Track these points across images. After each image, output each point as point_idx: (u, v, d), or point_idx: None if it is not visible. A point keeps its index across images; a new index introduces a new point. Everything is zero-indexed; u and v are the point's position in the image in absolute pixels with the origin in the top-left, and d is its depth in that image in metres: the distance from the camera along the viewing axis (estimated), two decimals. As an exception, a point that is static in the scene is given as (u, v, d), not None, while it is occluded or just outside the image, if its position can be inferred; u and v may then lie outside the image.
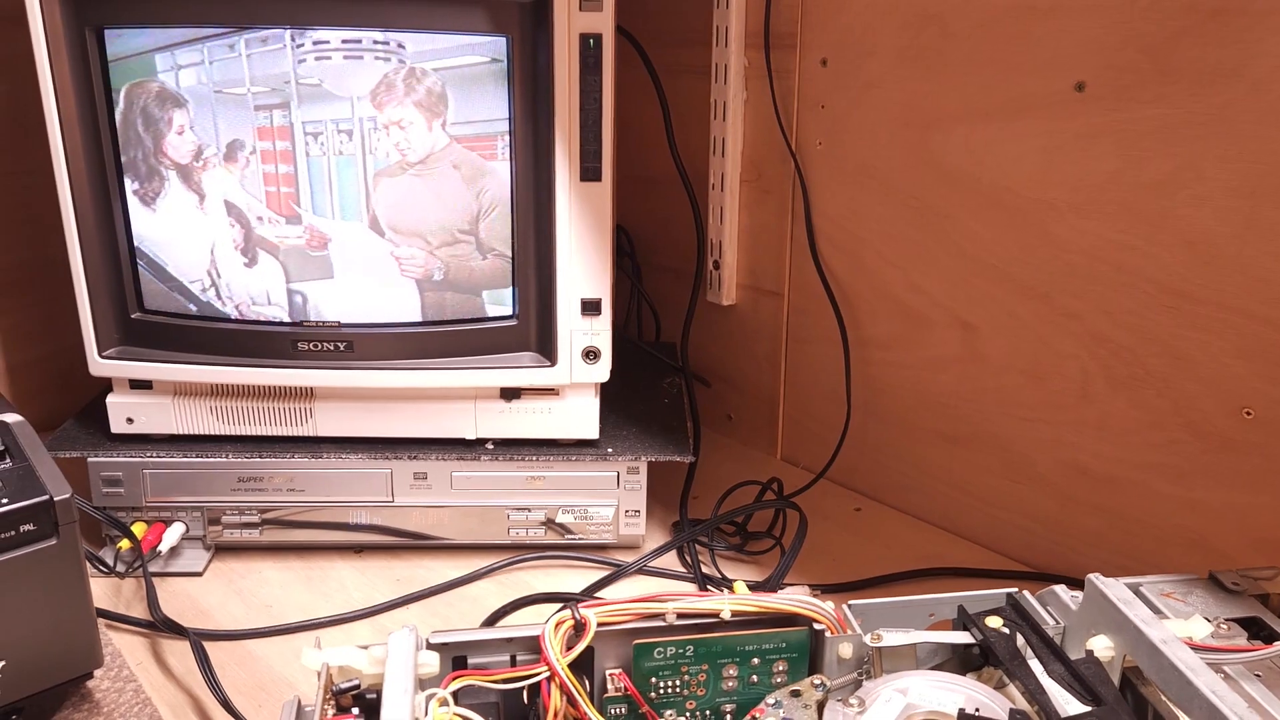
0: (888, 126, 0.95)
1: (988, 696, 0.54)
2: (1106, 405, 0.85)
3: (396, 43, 0.79)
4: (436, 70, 0.80)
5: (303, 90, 0.80)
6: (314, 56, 0.80)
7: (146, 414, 0.90)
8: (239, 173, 0.83)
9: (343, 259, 0.85)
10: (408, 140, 0.82)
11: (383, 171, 0.82)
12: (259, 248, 0.85)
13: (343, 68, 0.80)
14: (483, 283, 0.86)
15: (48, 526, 0.66)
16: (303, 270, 0.85)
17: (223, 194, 0.83)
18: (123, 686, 0.75)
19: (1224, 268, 0.76)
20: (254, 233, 0.84)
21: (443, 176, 0.83)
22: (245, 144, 0.82)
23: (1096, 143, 0.81)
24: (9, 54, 1.05)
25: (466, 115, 0.82)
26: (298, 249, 0.85)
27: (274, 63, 0.80)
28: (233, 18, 0.78)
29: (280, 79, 0.80)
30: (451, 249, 0.85)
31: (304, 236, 0.84)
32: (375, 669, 0.55)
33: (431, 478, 0.91)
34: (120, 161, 0.83)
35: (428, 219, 0.84)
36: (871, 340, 1.01)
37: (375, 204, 0.83)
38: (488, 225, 0.84)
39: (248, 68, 0.80)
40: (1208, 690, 0.51)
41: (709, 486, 1.04)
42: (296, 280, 0.86)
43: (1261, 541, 0.78)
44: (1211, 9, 0.73)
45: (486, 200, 0.84)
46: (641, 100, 1.09)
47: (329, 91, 0.80)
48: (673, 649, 0.60)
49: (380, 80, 0.80)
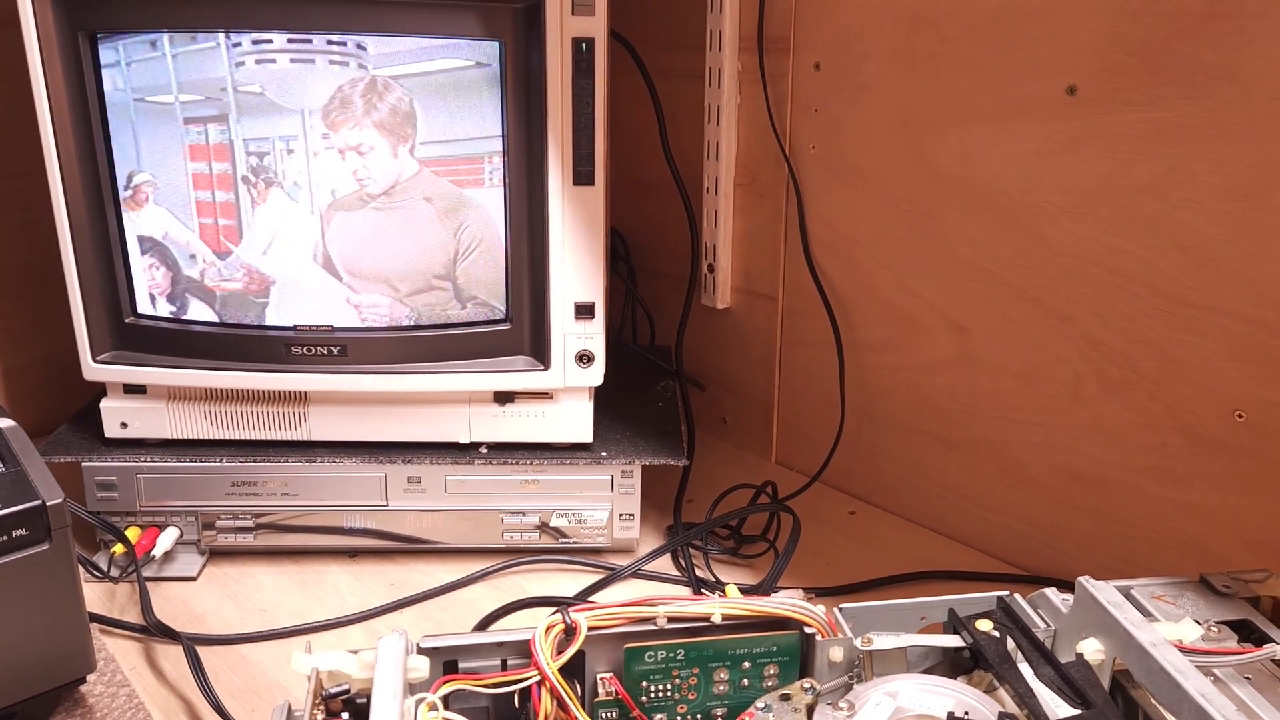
0: (881, 130, 0.95)
1: (977, 700, 0.54)
2: (1099, 408, 0.85)
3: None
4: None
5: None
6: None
7: (140, 418, 0.90)
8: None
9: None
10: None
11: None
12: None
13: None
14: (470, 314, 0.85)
15: (40, 531, 0.66)
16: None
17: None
18: (116, 691, 0.75)
19: (1216, 270, 0.76)
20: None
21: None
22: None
23: (1089, 146, 0.81)
24: (4, 57, 1.05)
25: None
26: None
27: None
28: (226, 22, 0.78)
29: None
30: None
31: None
32: (365, 673, 0.55)
33: (426, 482, 0.91)
34: (114, 165, 0.83)
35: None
36: (865, 344, 1.02)
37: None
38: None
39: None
40: (1196, 693, 0.51)
41: (703, 490, 1.04)
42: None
43: (1254, 544, 0.78)
44: (1202, 12, 0.73)
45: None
46: (636, 104, 1.09)
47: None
48: (664, 653, 0.60)
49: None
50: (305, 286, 0.85)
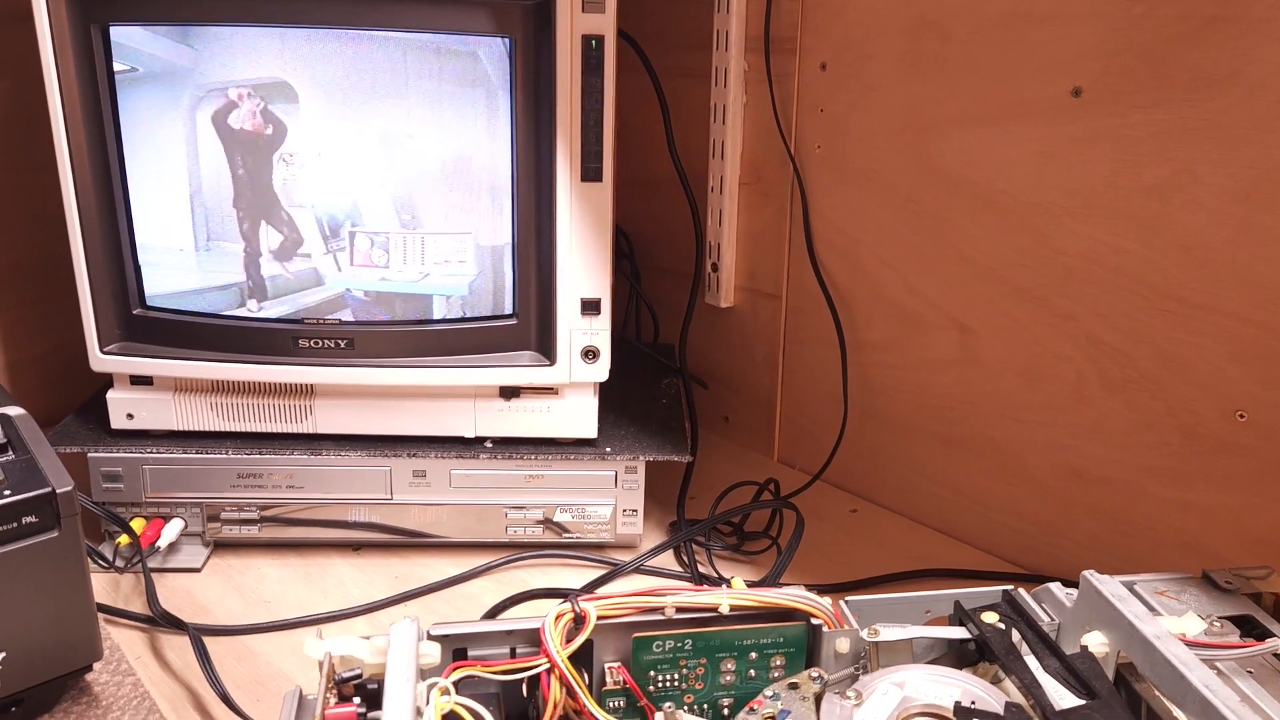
0: (886, 130, 0.95)
1: (984, 690, 0.54)
2: (1101, 407, 0.85)
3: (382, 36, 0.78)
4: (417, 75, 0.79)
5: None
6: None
7: (147, 410, 0.90)
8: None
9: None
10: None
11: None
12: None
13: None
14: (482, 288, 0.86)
15: (49, 519, 0.67)
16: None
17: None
18: (121, 680, 0.75)
19: (1218, 272, 0.77)
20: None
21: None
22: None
23: (1093, 147, 0.81)
24: (16, 51, 1.06)
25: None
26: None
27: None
28: (237, 14, 0.79)
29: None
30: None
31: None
32: (377, 659, 0.55)
33: (430, 476, 0.91)
34: (123, 157, 0.83)
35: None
36: (868, 342, 1.02)
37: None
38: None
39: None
40: (1201, 685, 0.51)
41: (706, 487, 1.04)
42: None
43: (1255, 543, 0.78)
44: (1207, 16, 0.74)
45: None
46: (642, 103, 1.09)
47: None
48: (671, 643, 0.60)
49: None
50: (313, 280, 0.85)
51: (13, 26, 1.05)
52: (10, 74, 1.07)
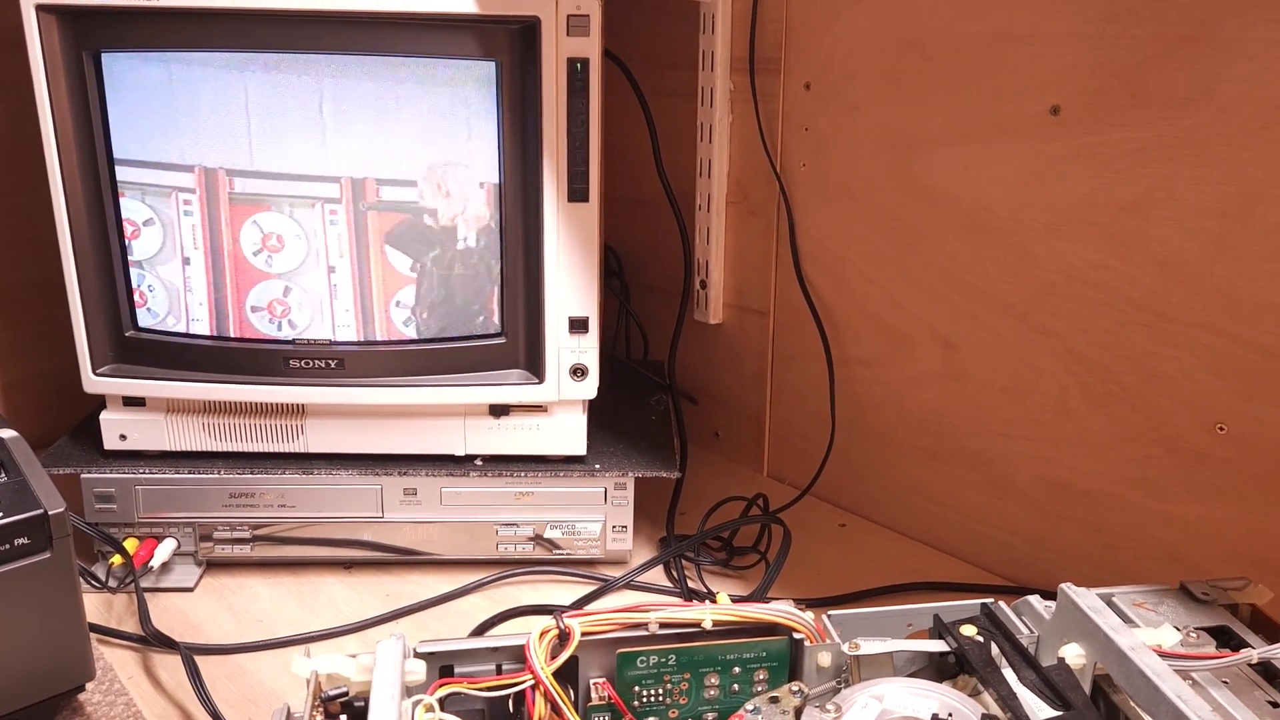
0: (870, 149, 0.97)
1: (961, 702, 0.55)
2: (1084, 421, 0.86)
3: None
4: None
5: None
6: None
7: (139, 430, 0.91)
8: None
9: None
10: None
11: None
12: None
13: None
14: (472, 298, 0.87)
15: (42, 540, 0.67)
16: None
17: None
18: (114, 700, 0.76)
19: (1196, 286, 0.78)
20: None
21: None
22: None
23: (1072, 165, 0.83)
24: (11, 75, 1.06)
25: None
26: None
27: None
28: (232, 42, 0.80)
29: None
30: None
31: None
32: (363, 676, 0.56)
33: (421, 494, 0.92)
34: (115, 182, 0.84)
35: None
36: (855, 358, 1.03)
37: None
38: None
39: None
40: (1174, 695, 0.52)
41: (696, 502, 1.05)
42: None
43: (1235, 554, 0.79)
44: (1179, 36, 0.75)
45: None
46: (629, 123, 1.10)
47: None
48: (656, 658, 0.61)
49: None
50: (305, 301, 0.86)
51: (6, 51, 1.06)
52: (8, 97, 1.08)
